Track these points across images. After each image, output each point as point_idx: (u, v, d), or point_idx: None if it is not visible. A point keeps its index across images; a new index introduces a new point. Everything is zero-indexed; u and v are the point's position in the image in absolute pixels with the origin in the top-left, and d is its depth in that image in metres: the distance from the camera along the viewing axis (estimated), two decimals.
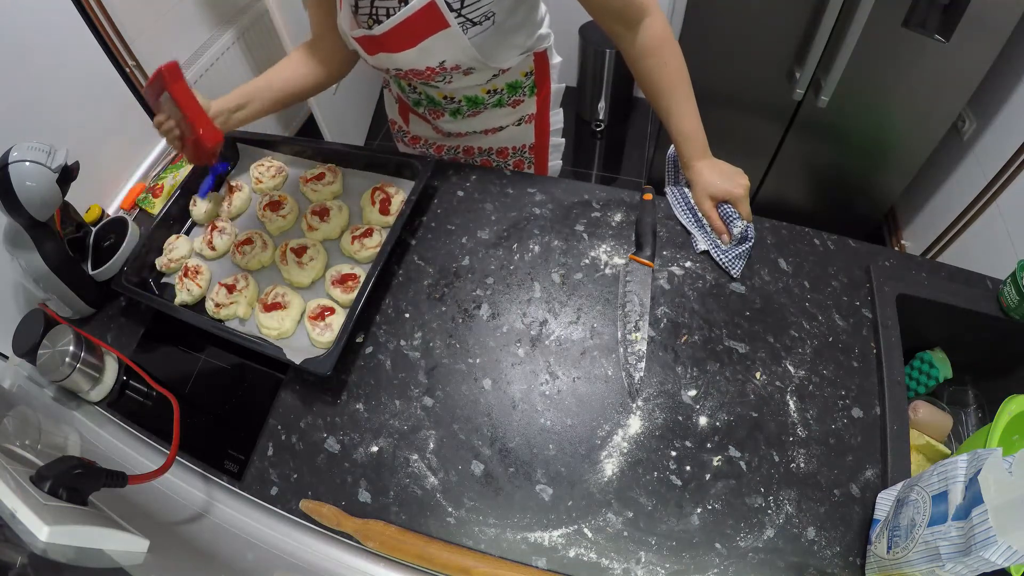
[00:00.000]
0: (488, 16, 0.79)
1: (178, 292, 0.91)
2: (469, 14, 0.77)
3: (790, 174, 1.95)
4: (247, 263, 0.93)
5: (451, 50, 0.81)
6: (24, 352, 0.82)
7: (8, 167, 0.77)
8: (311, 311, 0.85)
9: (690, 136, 0.87)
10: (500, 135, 1.06)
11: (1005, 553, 0.45)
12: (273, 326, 0.84)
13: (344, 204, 0.98)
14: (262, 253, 0.93)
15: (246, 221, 1.02)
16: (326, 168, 1.02)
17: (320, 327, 0.83)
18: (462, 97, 0.96)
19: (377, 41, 0.82)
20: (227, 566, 0.68)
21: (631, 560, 0.64)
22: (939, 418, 0.81)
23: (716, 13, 1.58)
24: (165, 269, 0.96)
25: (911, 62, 1.48)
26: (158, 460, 0.71)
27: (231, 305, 0.87)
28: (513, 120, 1.04)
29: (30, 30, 1.12)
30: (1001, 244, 1.47)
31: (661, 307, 0.83)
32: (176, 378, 0.84)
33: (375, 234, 0.92)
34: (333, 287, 0.87)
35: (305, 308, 0.87)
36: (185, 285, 0.91)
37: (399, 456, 0.73)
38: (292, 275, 0.90)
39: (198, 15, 1.79)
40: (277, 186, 1.05)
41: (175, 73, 0.77)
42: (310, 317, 0.84)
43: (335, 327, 0.82)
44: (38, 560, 0.47)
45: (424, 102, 1.00)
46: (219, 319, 0.87)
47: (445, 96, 0.96)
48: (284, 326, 0.84)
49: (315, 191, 1.00)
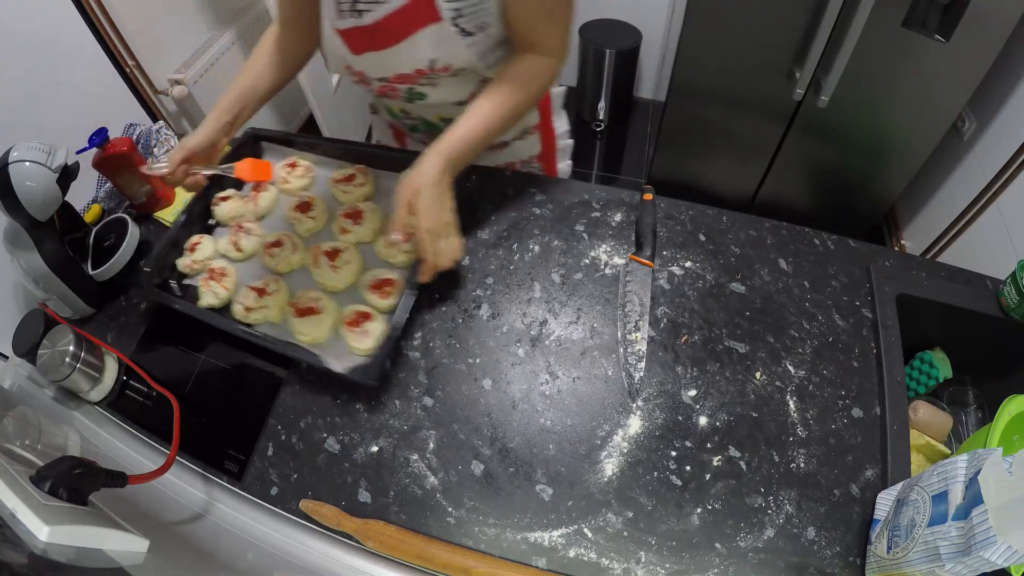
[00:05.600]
0: (483, 27, 0.77)
1: (203, 295, 0.87)
2: (464, 24, 0.75)
3: (790, 174, 1.95)
4: (277, 265, 0.89)
5: (442, 48, 0.78)
6: (24, 352, 0.82)
7: (8, 167, 0.77)
8: (347, 316, 0.81)
9: (459, 136, 0.77)
10: (505, 151, 1.03)
11: (1005, 553, 0.45)
12: (307, 331, 0.80)
13: (377, 207, 0.94)
14: (292, 255, 0.89)
15: (272, 222, 0.98)
16: (357, 169, 0.98)
17: (358, 333, 0.79)
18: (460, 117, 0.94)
19: (366, 32, 0.77)
20: (227, 566, 0.68)
21: (631, 560, 0.64)
22: (939, 418, 0.81)
23: (716, 13, 1.58)
24: (188, 271, 0.91)
25: (911, 62, 1.48)
26: (158, 460, 0.71)
27: (261, 309, 0.83)
28: (516, 134, 1.01)
29: (30, 30, 1.13)
30: (1001, 244, 1.48)
31: (661, 307, 0.83)
32: (176, 378, 0.84)
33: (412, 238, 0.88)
34: (370, 292, 0.83)
35: (340, 313, 0.83)
36: (211, 287, 0.86)
37: (399, 456, 0.73)
38: (325, 279, 0.86)
39: (198, 15, 1.79)
40: (305, 187, 1.00)
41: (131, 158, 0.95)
42: (347, 323, 0.80)
43: (374, 333, 0.79)
44: (38, 560, 0.47)
45: (420, 127, 0.97)
46: (248, 323, 0.83)
47: (442, 118, 0.93)
48: (319, 332, 0.80)
49: (346, 192, 0.96)
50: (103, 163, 0.95)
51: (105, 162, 0.95)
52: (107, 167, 0.96)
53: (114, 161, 0.95)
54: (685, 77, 1.80)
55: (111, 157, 0.94)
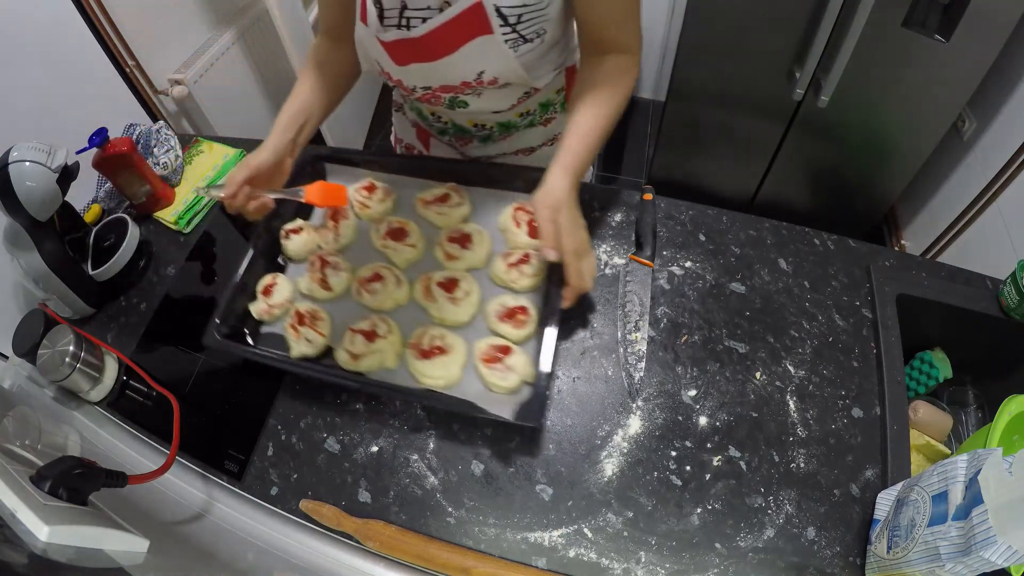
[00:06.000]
0: (540, 33, 0.73)
1: (293, 344, 0.77)
2: (523, 31, 0.71)
3: (790, 174, 1.95)
4: (380, 303, 0.80)
5: (491, 61, 0.74)
6: (24, 352, 0.82)
7: (8, 167, 0.78)
8: (484, 353, 0.73)
9: (573, 149, 0.73)
10: (532, 157, 0.99)
11: (1005, 553, 0.45)
12: (438, 374, 0.72)
13: (483, 228, 0.85)
14: (397, 290, 0.80)
15: (356, 254, 0.87)
16: (450, 188, 0.88)
17: (500, 370, 0.71)
18: (494, 124, 0.90)
19: (413, 44, 0.73)
20: (227, 566, 0.68)
21: (631, 560, 0.64)
22: (939, 418, 0.81)
23: (716, 13, 1.58)
24: (267, 317, 0.81)
25: (911, 62, 1.48)
26: (158, 460, 0.71)
27: (373, 355, 0.74)
28: (546, 139, 0.98)
29: (31, 30, 1.13)
30: (1001, 244, 1.47)
31: (661, 307, 0.83)
32: (176, 378, 0.84)
33: (533, 259, 0.80)
34: (500, 323, 0.75)
35: (467, 350, 0.75)
36: (303, 335, 0.76)
37: (399, 456, 0.73)
38: (445, 313, 0.77)
39: (198, 15, 1.79)
40: (388, 210, 0.90)
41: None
42: (484, 360, 0.72)
43: (518, 368, 0.71)
44: (38, 560, 0.47)
45: (451, 130, 0.92)
46: (357, 371, 0.75)
47: (476, 124, 0.90)
48: (451, 373, 0.72)
49: (441, 215, 0.87)
50: (103, 163, 0.96)
51: (105, 162, 0.95)
52: (107, 167, 0.96)
53: (114, 161, 0.95)
54: (685, 77, 1.79)
55: (111, 157, 0.94)
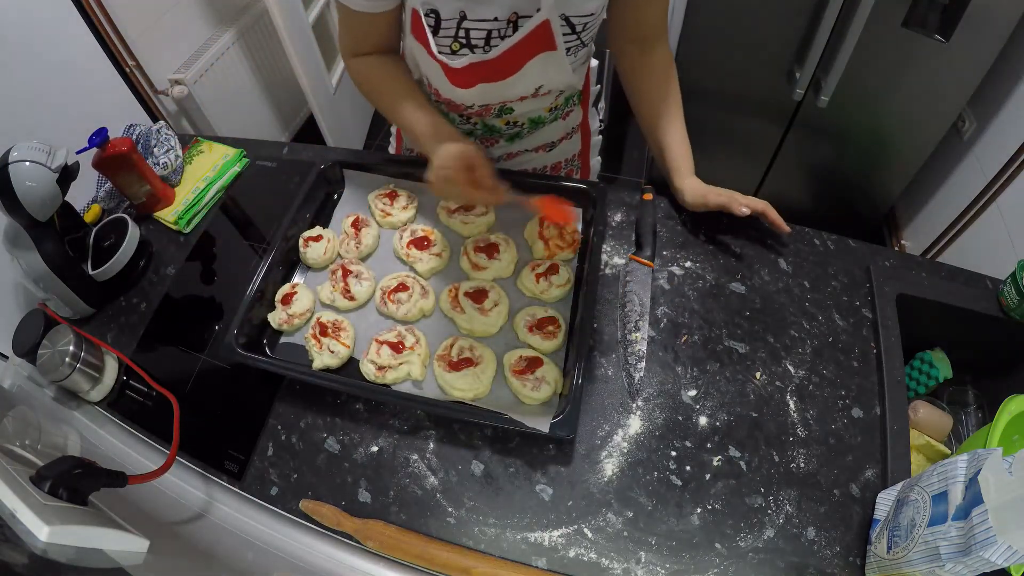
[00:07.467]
0: (593, 38, 0.79)
1: (315, 355, 0.76)
2: (584, 37, 0.76)
3: (790, 174, 1.95)
4: (405, 314, 0.79)
5: (550, 74, 0.76)
6: (24, 352, 0.82)
7: (8, 167, 0.77)
8: (515, 365, 0.73)
9: (687, 155, 0.91)
10: (553, 152, 1.01)
11: (1005, 553, 0.45)
12: (468, 387, 0.71)
13: (510, 237, 0.85)
14: (423, 300, 0.79)
15: (377, 263, 0.87)
16: None
17: (532, 382, 0.71)
18: (526, 120, 0.90)
19: (486, 67, 0.73)
20: (227, 566, 0.68)
21: (631, 560, 0.64)
22: (939, 418, 0.81)
23: (716, 13, 1.58)
24: (286, 327, 0.80)
25: (911, 62, 1.48)
26: (158, 460, 0.71)
27: (400, 366, 0.74)
28: (565, 133, 0.99)
29: (31, 30, 1.13)
30: (1001, 244, 1.47)
31: (661, 307, 0.83)
32: (176, 378, 0.84)
33: (561, 270, 0.80)
34: (531, 334, 0.75)
35: (498, 361, 0.75)
36: (325, 345, 0.76)
37: (399, 456, 0.73)
38: (474, 324, 0.77)
39: (198, 15, 1.79)
40: (411, 218, 0.90)
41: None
42: (515, 372, 0.72)
43: (550, 379, 0.71)
44: (38, 560, 0.47)
45: (479, 131, 0.91)
46: (384, 384, 0.74)
47: (508, 122, 0.89)
48: (481, 385, 0.72)
49: (466, 223, 0.87)
50: (103, 163, 0.95)
51: (105, 162, 0.95)
52: (107, 167, 0.96)
53: (114, 161, 0.95)
54: (685, 77, 1.79)
55: (111, 157, 0.94)
